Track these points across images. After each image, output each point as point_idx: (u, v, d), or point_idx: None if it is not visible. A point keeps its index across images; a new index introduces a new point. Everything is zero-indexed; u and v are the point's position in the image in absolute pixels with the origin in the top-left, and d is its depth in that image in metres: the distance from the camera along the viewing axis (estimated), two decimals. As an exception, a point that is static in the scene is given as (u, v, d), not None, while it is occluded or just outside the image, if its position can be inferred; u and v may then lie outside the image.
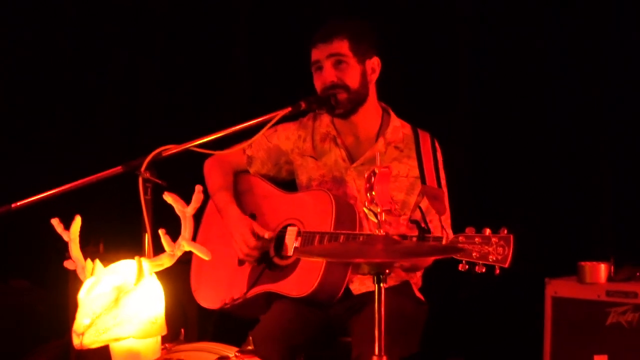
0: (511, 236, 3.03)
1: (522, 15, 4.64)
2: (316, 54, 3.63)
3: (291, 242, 3.64)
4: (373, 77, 3.66)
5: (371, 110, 3.69)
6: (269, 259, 3.66)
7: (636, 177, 4.42)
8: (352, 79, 3.59)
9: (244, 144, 3.71)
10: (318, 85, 3.63)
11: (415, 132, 3.70)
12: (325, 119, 3.77)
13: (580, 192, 4.52)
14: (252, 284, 3.65)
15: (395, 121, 3.72)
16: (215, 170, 3.90)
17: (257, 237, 3.66)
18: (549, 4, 4.60)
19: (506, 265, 3.02)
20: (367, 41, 3.64)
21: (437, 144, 3.68)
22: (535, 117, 4.62)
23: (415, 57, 4.79)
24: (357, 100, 3.62)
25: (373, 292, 2.50)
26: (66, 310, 4.71)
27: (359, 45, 3.60)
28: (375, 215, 2.53)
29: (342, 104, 3.59)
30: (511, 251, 3.02)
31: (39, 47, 5.50)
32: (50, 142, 5.47)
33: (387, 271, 2.55)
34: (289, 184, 3.88)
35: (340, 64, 3.58)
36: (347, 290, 3.57)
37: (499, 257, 3.02)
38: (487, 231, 3.07)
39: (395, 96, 3.82)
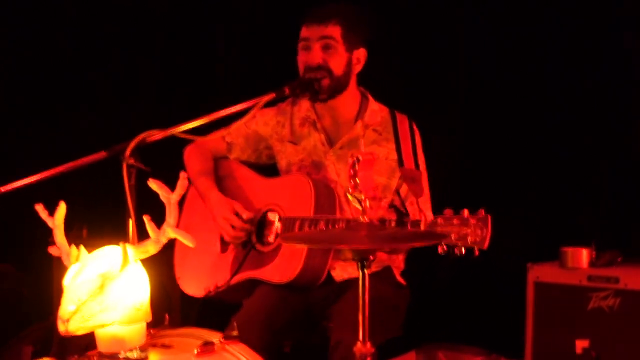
0: (489, 216, 2.97)
1: (521, 14, 4.64)
2: (307, 32, 3.61)
3: (272, 228, 3.65)
4: (357, 68, 3.66)
5: (350, 96, 3.70)
6: (251, 245, 3.67)
7: (618, 162, 4.44)
8: (337, 66, 3.59)
9: (223, 131, 3.70)
10: (302, 62, 3.63)
11: (393, 115, 3.70)
12: (304, 103, 3.77)
13: (562, 177, 4.53)
14: (235, 271, 3.66)
15: (373, 105, 3.73)
16: (195, 156, 3.90)
17: (241, 217, 3.67)
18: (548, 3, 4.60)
19: (484, 247, 2.96)
20: (359, 31, 3.64)
21: (414, 127, 3.68)
22: (517, 103, 4.63)
23: (414, 55, 4.79)
24: (337, 87, 3.62)
25: (355, 279, 2.51)
26: (50, 293, 4.73)
27: (351, 34, 3.60)
28: (360, 202, 2.54)
29: (323, 90, 3.59)
30: (489, 232, 2.96)
31: (40, 47, 5.50)
32: (33, 127, 5.46)
33: (371, 257, 2.56)
34: (269, 169, 3.88)
35: (329, 48, 3.58)
36: (329, 276, 3.58)
37: (477, 239, 2.97)
38: (465, 212, 3.02)
39: (394, 94, 3.81)
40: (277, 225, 3.63)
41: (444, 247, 3.02)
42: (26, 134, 5.46)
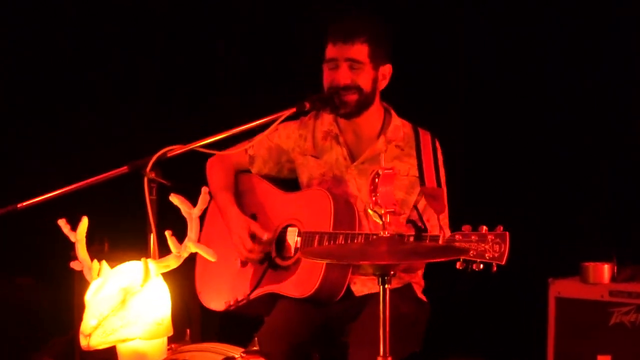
0: (507, 233, 3.02)
1: (521, 14, 4.64)
2: (334, 52, 3.58)
3: (292, 242, 3.65)
4: (382, 84, 3.64)
5: (374, 111, 3.69)
6: (271, 260, 3.67)
7: (639, 177, 4.43)
8: (365, 83, 3.57)
9: (246, 144, 3.71)
10: (327, 81, 3.60)
11: (415, 131, 3.69)
12: (327, 117, 3.76)
13: (583, 192, 4.53)
14: (255, 286, 3.66)
15: (396, 120, 3.72)
16: (216, 170, 3.90)
17: (255, 238, 3.67)
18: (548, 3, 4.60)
19: (502, 262, 3.00)
20: (385, 47, 3.61)
21: (437, 143, 3.67)
22: (537, 117, 4.63)
23: (414, 55, 4.78)
24: (364, 103, 3.61)
25: (374, 294, 2.52)
26: (71, 307, 4.74)
27: (377, 51, 3.57)
28: (380, 216, 2.54)
29: (349, 105, 3.58)
30: (507, 248, 3.01)
31: (39, 47, 5.53)
32: (55, 142, 5.49)
33: (391, 272, 2.57)
34: (290, 183, 3.88)
35: (355, 68, 3.57)
36: (349, 290, 3.57)
37: (496, 255, 3.01)
38: (484, 229, 3.06)
39: (394, 95, 3.81)
40: (297, 239, 3.63)
41: (462, 262, 3.04)
42: (48, 149, 5.50)
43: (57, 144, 5.49)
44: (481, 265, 3.03)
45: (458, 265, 3.06)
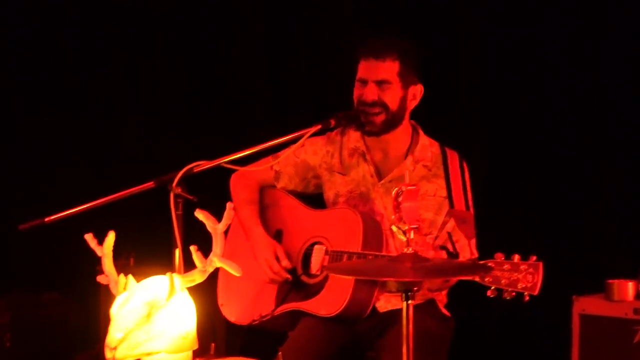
0: (540, 264, 3.02)
1: (544, 38, 4.65)
2: (365, 69, 3.59)
3: (318, 260, 3.64)
4: (412, 104, 3.65)
5: (402, 130, 3.69)
6: (296, 277, 3.68)
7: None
8: (393, 101, 3.58)
9: (271, 160, 3.73)
10: (356, 96, 3.62)
11: (443, 151, 3.69)
12: (354, 134, 3.76)
13: (608, 209, 4.52)
14: (280, 301, 3.66)
15: (424, 139, 3.72)
16: (240, 185, 3.90)
17: (280, 261, 3.68)
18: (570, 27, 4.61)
19: (535, 293, 3.01)
20: (416, 67, 3.62)
21: (465, 164, 3.67)
22: (558, 138, 4.62)
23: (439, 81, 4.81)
24: (392, 122, 3.61)
25: (398, 310, 2.53)
26: (97, 321, 4.77)
27: (408, 71, 3.59)
28: (404, 233, 2.55)
29: (375, 124, 3.59)
30: (540, 278, 3.01)
31: (68, 61, 5.59)
32: (83, 157, 5.54)
33: (415, 288, 2.57)
34: (315, 199, 3.89)
35: (384, 86, 3.58)
36: (373, 308, 3.57)
37: (528, 285, 3.01)
38: (516, 257, 3.06)
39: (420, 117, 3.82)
40: (324, 257, 3.63)
41: (494, 291, 3.04)
42: (75, 163, 5.54)
43: (85, 158, 5.54)
44: (513, 294, 3.04)
45: (489, 293, 3.06)
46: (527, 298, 3.03)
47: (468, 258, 3.21)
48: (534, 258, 3.04)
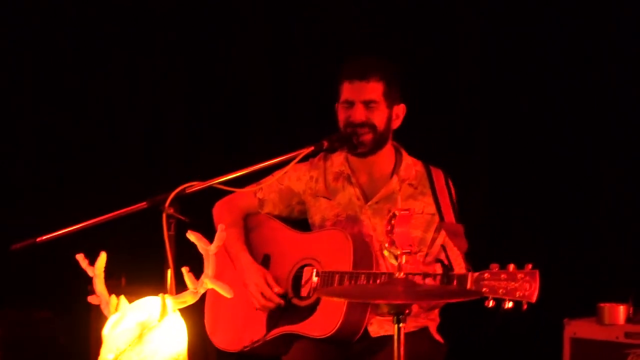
0: (537, 272, 3.08)
1: (547, 49, 4.68)
2: (349, 92, 3.62)
3: (309, 282, 3.65)
4: (396, 123, 3.69)
5: (387, 151, 3.72)
6: (287, 300, 3.67)
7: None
8: (380, 121, 3.61)
9: (254, 186, 3.75)
10: (343, 118, 3.64)
11: (427, 169, 3.72)
12: (337, 158, 3.78)
13: (599, 232, 4.53)
14: (272, 326, 3.66)
15: (407, 159, 3.74)
16: (224, 211, 3.90)
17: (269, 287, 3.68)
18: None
19: (533, 301, 3.05)
20: (398, 87, 3.67)
21: (450, 181, 3.70)
22: (550, 154, 4.64)
23: (430, 94, 4.82)
24: (379, 142, 3.64)
25: (391, 336, 2.54)
26: (88, 341, 4.75)
27: (391, 91, 3.63)
28: (395, 257, 2.56)
29: (365, 144, 3.61)
30: (537, 286, 3.06)
31: (54, 78, 5.61)
32: (75, 177, 5.53)
33: (406, 311, 2.58)
34: (299, 223, 3.90)
35: (371, 107, 3.60)
36: (366, 331, 3.57)
37: (526, 293, 3.05)
38: (512, 267, 3.10)
39: (411, 133, 3.83)
40: (315, 279, 3.63)
41: (492, 301, 3.06)
42: (67, 184, 5.54)
43: (77, 178, 5.53)
44: (511, 304, 3.06)
45: (487, 303, 3.09)
46: (525, 307, 3.05)
47: (463, 272, 3.21)
48: (530, 266, 3.08)
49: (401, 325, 2.58)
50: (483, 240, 4.01)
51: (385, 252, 2.56)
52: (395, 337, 2.59)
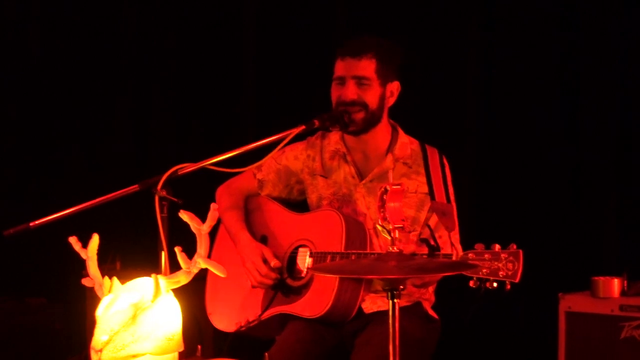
0: (520, 251, 3.06)
1: (530, 28, 4.67)
2: (341, 68, 3.61)
3: (303, 263, 3.65)
4: (390, 101, 3.67)
5: (382, 129, 3.70)
6: (282, 281, 3.67)
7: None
8: (372, 100, 3.59)
9: (254, 169, 3.74)
10: (335, 96, 3.63)
11: (423, 148, 3.71)
12: (334, 136, 3.78)
13: (593, 207, 4.53)
14: (266, 306, 3.66)
15: (403, 137, 3.73)
16: (225, 194, 3.91)
17: (267, 263, 3.68)
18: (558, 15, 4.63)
19: (516, 280, 3.04)
20: (393, 64, 3.64)
21: (445, 160, 3.69)
22: (544, 132, 4.64)
23: (423, 72, 4.82)
24: (371, 121, 3.63)
25: (384, 311, 2.54)
26: (83, 326, 4.76)
27: (385, 67, 3.60)
28: (389, 232, 2.56)
29: (356, 123, 3.60)
30: (521, 266, 3.04)
31: (50, 66, 5.60)
32: (67, 161, 5.54)
33: (400, 287, 2.58)
34: (299, 205, 3.90)
35: (363, 84, 3.60)
36: (360, 309, 3.57)
37: (509, 273, 3.04)
38: (497, 247, 3.10)
39: (402, 112, 3.83)
40: (308, 260, 3.63)
41: (476, 281, 3.06)
42: (59, 167, 5.54)
43: (69, 162, 5.54)
44: (494, 284, 3.06)
45: (471, 283, 3.09)
46: (508, 287, 3.04)
47: (449, 251, 3.21)
48: (514, 246, 3.07)
49: (395, 301, 2.58)
50: (473, 217, 4.01)
51: (379, 227, 2.56)
52: (390, 313, 2.58)
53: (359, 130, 3.64)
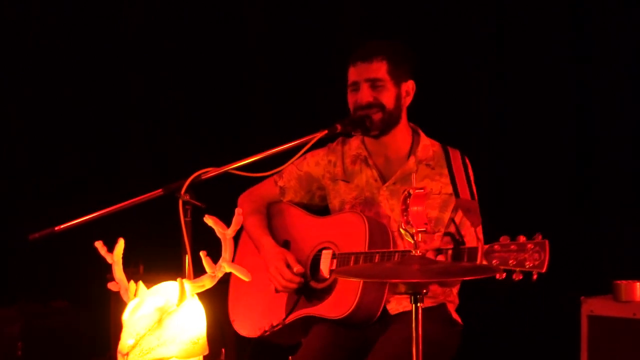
0: (546, 241, 3.08)
1: (542, 25, 4.67)
2: (354, 74, 3.65)
3: (326, 265, 3.66)
4: (407, 100, 3.69)
5: (402, 131, 3.72)
6: (305, 283, 3.69)
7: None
8: (388, 100, 3.62)
9: (275, 176, 3.76)
10: (352, 103, 3.66)
11: (445, 149, 3.72)
12: (354, 141, 3.80)
13: (614, 209, 4.52)
14: (290, 310, 3.67)
15: (425, 140, 3.75)
16: (247, 201, 3.93)
17: (290, 268, 3.69)
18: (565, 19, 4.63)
19: (543, 270, 3.05)
20: (405, 64, 3.66)
21: (467, 161, 3.70)
22: (567, 131, 4.63)
23: (437, 68, 4.82)
24: (389, 122, 3.65)
25: (409, 311, 2.54)
26: (107, 329, 4.78)
27: (397, 68, 3.63)
28: (412, 236, 2.57)
29: (375, 125, 3.63)
30: (547, 256, 3.06)
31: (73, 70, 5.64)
32: (93, 165, 5.57)
33: (424, 291, 2.59)
34: (321, 212, 3.91)
35: (377, 86, 3.62)
36: (385, 310, 3.59)
37: (536, 263, 3.06)
38: (522, 238, 3.12)
39: (421, 110, 3.83)
40: (332, 261, 3.65)
41: (503, 273, 3.08)
42: (84, 172, 5.57)
43: (95, 167, 5.57)
44: (520, 276, 3.07)
45: (498, 275, 3.10)
46: (535, 277, 3.05)
47: (475, 245, 3.22)
48: (540, 236, 3.09)
49: (419, 305, 2.59)
50: (495, 221, 4.00)
51: (402, 231, 2.57)
52: (413, 317, 2.59)
53: (379, 133, 3.65)
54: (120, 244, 2.82)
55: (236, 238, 3.14)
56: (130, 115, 5.62)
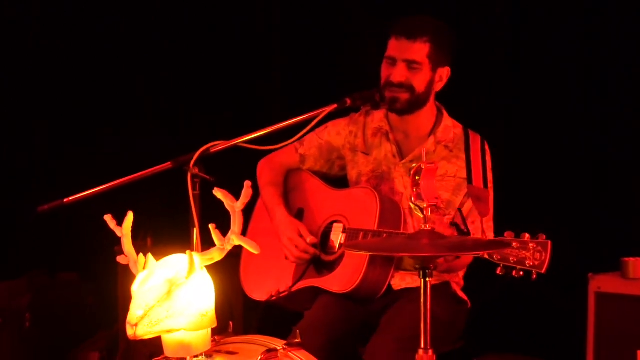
0: (549, 242, 3.06)
1: (559, 12, 4.65)
2: (394, 49, 3.60)
3: (336, 238, 3.69)
4: (439, 86, 3.67)
5: (427, 111, 3.71)
6: (315, 254, 3.71)
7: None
8: (420, 84, 3.60)
9: (295, 142, 3.73)
10: (384, 75, 3.63)
11: (466, 133, 3.71)
12: (378, 114, 3.79)
13: (623, 187, 4.52)
14: (298, 278, 3.71)
15: (447, 120, 3.74)
16: (266, 169, 3.96)
17: (304, 240, 3.71)
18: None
19: (542, 271, 3.05)
20: (446, 50, 3.63)
21: (487, 147, 3.69)
22: (572, 114, 4.62)
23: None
24: (416, 103, 3.63)
25: (412, 288, 2.55)
26: (115, 301, 4.80)
27: (438, 53, 3.59)
28: (422, 210, 2.57)
29: (400, 102, 3.61)
30: (548, 257, 3.05)
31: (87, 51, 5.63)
32: (101, 138, 5.57)
33: (432, 266, 2.59)
34: (339, 181, 3.91)
35: (413, 68, 3.58)
36: (389, 286, 3.60)
37: (536, 263, 3.05)
38: (526, 236, 3.09)
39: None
40: (341, 235, 3.66)
41: (502, 268, 3.07)
42: (94, 145, 5.57)
43: (103, 140, 5.57)
44: (521, 273, 3.07)
45: (498, 270, 3.10)
46: (534, 276, 3.05)
47: (478, 237, 3.23)
48: (543, 237, 3.07)
49: (428, 280, 2.59)
50: (506, 198, 4.00)
51: (412, 205, 2.56)
52: (422, 292, 2.59)
53: (402, 110, 3.64)
54: (129, 217, 2.81)
55: (252, 204, 3.14)
56: (140, 87, 5.61)
